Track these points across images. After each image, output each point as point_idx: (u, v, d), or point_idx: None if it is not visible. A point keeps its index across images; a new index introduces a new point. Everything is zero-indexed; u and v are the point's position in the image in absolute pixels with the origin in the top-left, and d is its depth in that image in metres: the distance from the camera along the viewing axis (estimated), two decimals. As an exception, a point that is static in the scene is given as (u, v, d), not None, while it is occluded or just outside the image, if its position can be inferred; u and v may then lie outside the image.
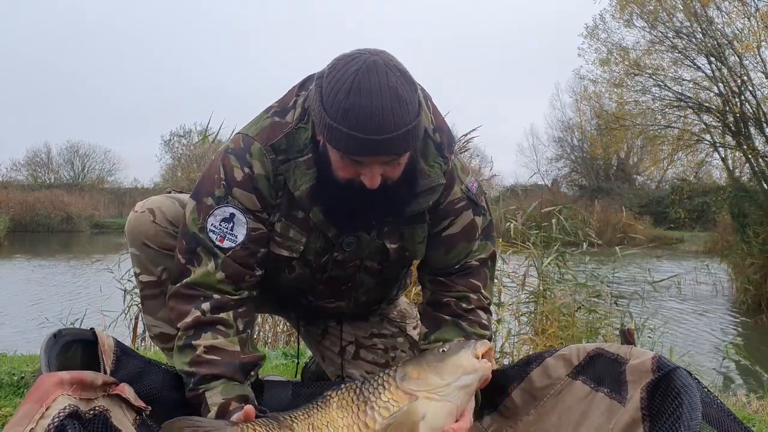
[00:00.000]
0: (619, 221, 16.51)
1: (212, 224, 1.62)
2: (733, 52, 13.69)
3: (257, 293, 1.73)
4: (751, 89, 13.79)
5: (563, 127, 37.94)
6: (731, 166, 16.01)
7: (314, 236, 1.69)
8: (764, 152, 13.93)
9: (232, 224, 1.62)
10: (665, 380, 1.33)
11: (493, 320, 2.28)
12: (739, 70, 13.70)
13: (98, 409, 1.22)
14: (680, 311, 10.00)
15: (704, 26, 13.94)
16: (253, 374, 1.64)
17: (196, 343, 1.58)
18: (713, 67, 14.20)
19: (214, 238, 1.62)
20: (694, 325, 9.26)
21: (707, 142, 15.46)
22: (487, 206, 1.82)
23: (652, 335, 5.23)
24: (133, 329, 5.16)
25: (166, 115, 70.50)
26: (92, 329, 1.56)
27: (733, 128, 14.26)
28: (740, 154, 14.55)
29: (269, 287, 1.79)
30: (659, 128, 16.27)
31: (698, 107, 14.88)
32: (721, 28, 13.93)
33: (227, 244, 1.62)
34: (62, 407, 1.10)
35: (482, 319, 1.78)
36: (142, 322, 5.12)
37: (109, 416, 1.24)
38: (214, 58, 77.78)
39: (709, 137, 15.30)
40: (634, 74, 15.54)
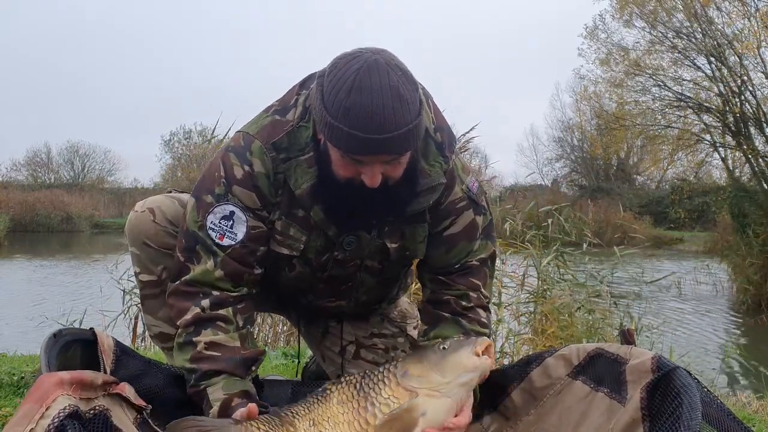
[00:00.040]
0: (619, 221, 16.49)
1: (212, 222, 1.62)
2: (733, 52, 13.70)
3: (258, 291, 1.73)
4: (751, 89, 13.81)
5: (563, 127, 37.95)
6: (731, 166, 16.05)
7: (315, 235, 1.69)
8: (764, 152, 13.94)
9: (231, 222, 1.62)
10: (665, 380, 1.33)
11: (492, 319, 2.28)
12: (739, 70, 13.72)
13: (98, 408, 1.22)
14: (680, 311, 10.00)
15: (704, 26, 13.95)
16: (253, 369, 1.64)
17: (196, 339, 1.58)
18: (713, 67, 14.22)
19: (213, 235, 1.62)
20: (694, 325, 9.26)
21: (707, 142, 15.49)
22: (487, 206, 1.82)
23: (649, 335, 5.23)
24: (132, 329, 5.16)
25: (166, 115, 70.56)
26: (92, 329, 1.56)
27: (733, 128, 14.28)
28: (740, 154, 14.57)
29: (270, 286, 1.79)
30: (659, 128, 16.30)
31: (698, 107, 14.90)
32: (721, 28, 13.95)
33: (227, 242, 1.62)
34: (62, 407, 1.10)
35: (481, 317, 1.79)
36: (141, 322, 5.12)
37: (109, 415, 1.24)
38: (214, 58, 77.75)
39: (709, 137, 15.33)
40: (634, 74, 15.55)
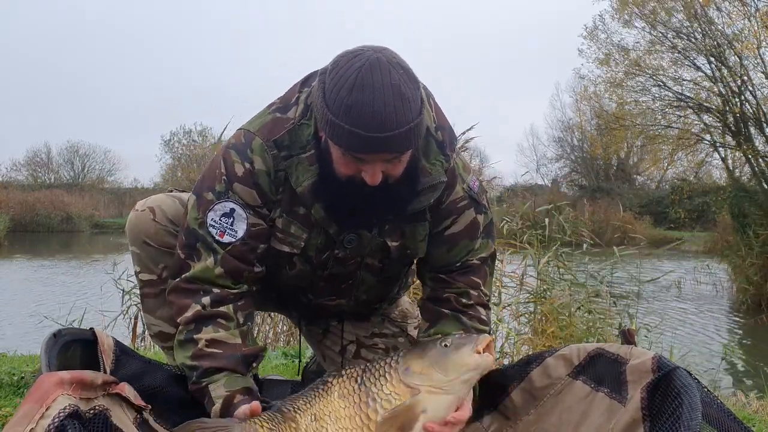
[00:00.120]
0: (619, 220, 16.49)
1: (212, 219, 1.62)
2: (733, 52, 13.69)
3: (258, 289, 1.74)
4: (751, 89, 13.81)
5: (563, 127, 37.95)
6: (731, 166, 16.04)
7: (315, 233, 1.69)
8: (764, 152, 13.94)
9: (232, 219, 1.62)
10: (665, 380, 1.33)
11: (492, 318, 2.28)
12: (739, 70, 13.71)
13: (98, 408, 1.22)
14: (681, 311, 9.99)
15: (704, 26, 13.95)
16: (254, 366, 1.65)
17: (197, 336, 1.58)
18: (713, 67, 14.22)
19: (214, 232, 1.62)
20: (694, 325, 9.25)
21: (707, 142, 15.48)
22: (488, 204, 1.83)
23: (648, 335, 5.22)
24: (132, 329, 5.16)
25: (166, 115, 70.60)
26: (92, 329, 1.56)
27: (733, 128, 14.28)
28: (740, 154, 14.56)
29: (270, 285, 1.79)
30: (659, 128, 16.29)
31: (698, 107, 14.89)
32: (721, 28, 13.94)
33: (227, 239, 1.62)
34: (62, 407, 1.10)
35: (482, 314, 1.79)
36: (141, 321, 5.12)
37: (109, 415, 1.24)
38: (214, 58, 77.76)
39: (709, 137, 15.32)
40: (634, 74, 15.55)
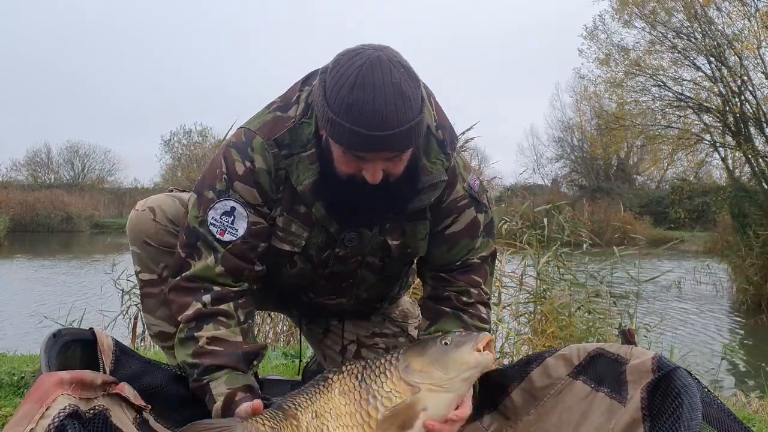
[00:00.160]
0: (619, 221, 16.48)
1: (213, 217, 1.62)
2: (733, 52, 13.69)
3: (259, 289, 1.74)
4: (751, 89, 13.81)
5: (563, 127, 37.94)
6: (731, 166, 16.05)
7: (316, 231, 1.69)
8: (764, 152, 13.94)
9: (232, 218, 1.62)
10: (665, 380, 1.33)
11: (492, 318, 2.28)
12: (739, 70, 13.71)
13: (98, 408, 1.22)
14: (681, 311, 9.99)
15: (704, 27, 13.94)
16: (255, 364, 1.65)
17: (198, 334, 1.58)
18: (713, 67, 14.21)
19: (214, 231, 1.62)
20: (695, 325, 9.25)
21: (707, 142, 15.48)
22: (488, 203, 1.83)
23: (647, 335, 5.22)
24: (132, 329, 5.16)
25: (166, 115, 70.63)
26: (91, 329, 1.56)
27: (733, 128, 14.27)
28: (740, 154, 14.56)
29: (271, 283, 1.79)
30: (659, 128, 16.29)
31: (698, 107, 14.89)
32: (721, 28, 13.94)
33: (228, 237, 1.62)
34: (62, 407, 1.10)
35: (482, 313, 1.79)
36: (141, 321, 5.12)
37: (109, 415, 1.24)
38: (214, 58, 77.76)
39: (709, 137, 15.32)
40: (634, 74, 15.54)
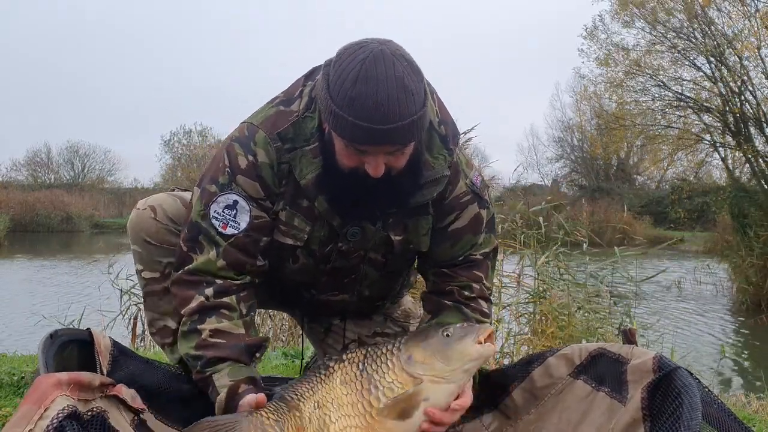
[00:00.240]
0: (619, 221, 16.48)
1: (215, 211, 1.63)
2: (733, 52, 13.69)
3: (261, 286, 1.74)
4: (751, 89, 13.80)
5: (563, 127, 37.89)
6: (731, 166, 16.02)
7: (319, 225, 1.69)
8: (764, 152, 13.93)
9: (235, 211, 1.63)
10: (666, 380, 1.33)
11: (493, 318, 2.28)
12: (739, 70, 13.70)
13: (96, 410, 1.22)
14: (681, 311, 9.98)
15: (704, 27, 13.93)
16: (258, 356, 1.65)
17: (201, 327, 1.59)
18: (713, 67, 14.20)
19: (216, 224, 1.62)
20: (697, 325, 9.25)
21: (707, 142, 15.46)
22: (489, 200, 1.83)
23: (645, 333, 5.21)
24: (132, 329, 5.15)
25: (166, 115, 70.73)
26: (88, 329, 1.56)
27: (733, 128, 14.26)
28: (740, 154, 14.54)
29: (273, 280, 1.80)
30: (659, 128, 16.27)
31: (698, 107, 14.88)
32: (721, 28, 13.93)
33: (230, 231, 1.62)
34: (61, 408, 1.10)
35: (483, 307, 1.80)
36: (141, 321, 5.12)
37: (107, 417, 1.24)
38: (214, 58, 77.82)
39: (709, 137, 15.30)
40: (634, 74, 15.54)
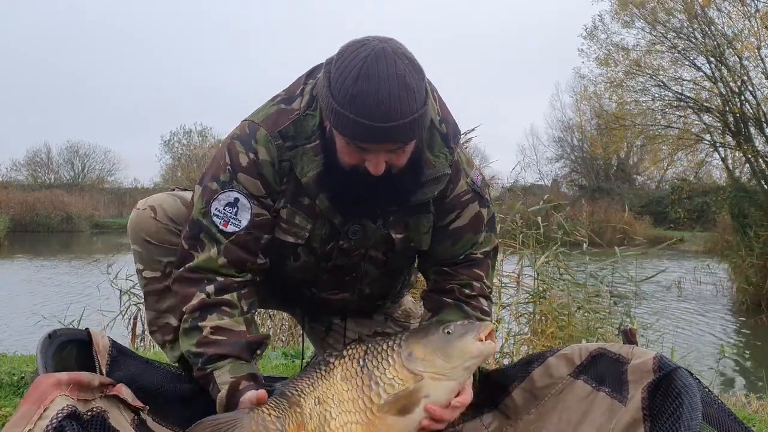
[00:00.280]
0: (619, 220, 16.47)
1: (216, 208, 1.63)
2: (733, 52, 13.68)
3: (262, 285, 1.74)
4: (751, 89, 13.80)
5: (563, 127, 37.89)
6: (731, 166, 16.02)
7: (320, 223, 1.70)
8: (764, 152, 13.92)
9: (236, 209, 1.63)
10: (666, 380, 1.33)
11: (493, 317, 2.28)
12: (739, 70, 13.69)
13: (96, 410, 1.22)
14: (681, 311, 9.98)
15: (704, 27, 13.93)
16: (259, 353, 1.65)
17: (202, 324, 1.59)
18: (713, 67, 14.20)
19: (217, 222, 1.62)
20: (698, 325, 9.25)
21: (707, 142, 15.46)
22: (490, 199, 1.83)
23: (644, 333, 5.21)
24: (131, 329, 5.15)
25: (166, 115, 70.74)
26: (87, 329, 1.56)
27: (733, 128, 14.26)
28: (740, 154, 14.54)
29: (274, 278, 1.80)
30: (659, 128, 16.27)
31: (698, 107, 14.87)
32: (721, 28, 13.93)
33: (231, 228, 1.62)
34: (60, 408, 1.10)
35: (484, 305, 1.81)
36: (140, 321, 5.12)
37: (107, 417, 1.24)
38: (214, 58, 77.82)
39: (709, 137, 15.30)
40: (634, 74, 15.53)
